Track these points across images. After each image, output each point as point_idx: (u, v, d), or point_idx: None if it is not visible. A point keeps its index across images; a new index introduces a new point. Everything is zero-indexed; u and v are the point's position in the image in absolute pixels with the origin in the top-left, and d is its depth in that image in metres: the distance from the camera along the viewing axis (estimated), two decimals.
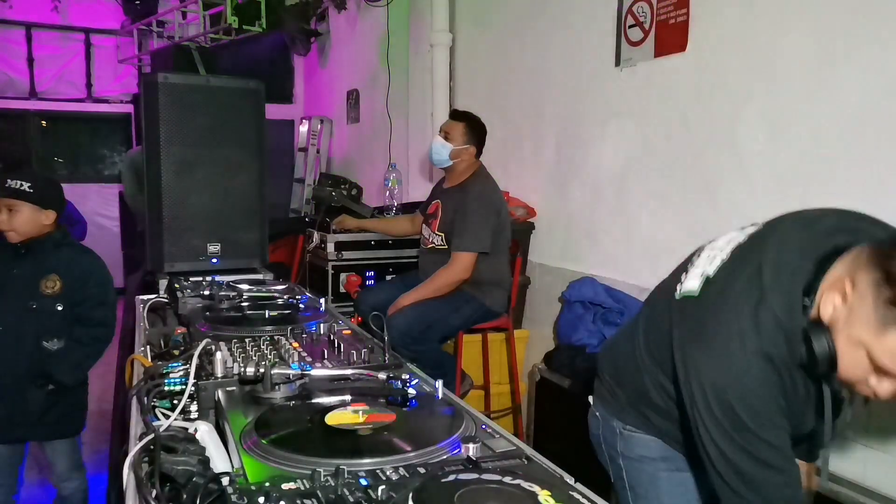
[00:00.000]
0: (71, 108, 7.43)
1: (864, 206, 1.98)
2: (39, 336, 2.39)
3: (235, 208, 2.59)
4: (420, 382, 1.24)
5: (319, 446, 0.95)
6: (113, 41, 7.36)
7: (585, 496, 0.81)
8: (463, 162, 3.14)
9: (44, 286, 2.39)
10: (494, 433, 1.06)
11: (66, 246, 2.51)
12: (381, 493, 0.78)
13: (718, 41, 2.53)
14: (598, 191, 3.29)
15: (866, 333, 1.03)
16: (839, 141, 2.07)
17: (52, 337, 2.40)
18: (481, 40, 4.27)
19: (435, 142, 3.17)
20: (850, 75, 2.04)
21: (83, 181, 7.51)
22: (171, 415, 1.10)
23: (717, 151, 2.55)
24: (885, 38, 1.95)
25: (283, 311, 1.79)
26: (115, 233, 7.25)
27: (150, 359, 1.52)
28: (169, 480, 0.88)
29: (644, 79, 2.93)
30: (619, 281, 3.10)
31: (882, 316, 1.00)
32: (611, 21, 3.09)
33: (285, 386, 1.17)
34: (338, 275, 3.66)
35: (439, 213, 3.15)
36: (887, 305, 1.00)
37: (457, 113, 3.29)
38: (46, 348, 2.40)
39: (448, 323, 3.02)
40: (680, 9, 2.70)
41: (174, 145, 2.45)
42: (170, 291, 2.11)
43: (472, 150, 3.14)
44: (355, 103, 6.08)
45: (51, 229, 2.44)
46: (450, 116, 3.30)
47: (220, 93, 2.53)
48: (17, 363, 2.37)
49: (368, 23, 5.59)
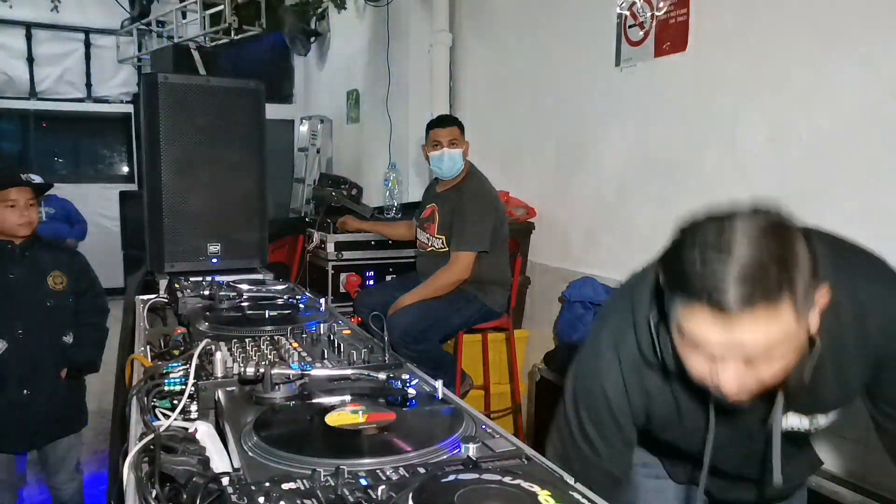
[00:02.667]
0: (71, 108, 7.42)
1: (864, 205, 1.99)
2: (58, 332, 2.47)
3: (235, 208, 2.59)
4: (420, 382, 1.24)
5: (319, 446, 0.95)
6: (113, 41, 7.35)
7: (585, 496, 0.81)
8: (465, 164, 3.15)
9: (52, 283, 2.44)
10: (494, 433, 1.06)
11: (50, 244, 2.59)
12: (381, 493, 0.78)
13: (718, 41, 2.53)
14: (598, 191, 3.29)
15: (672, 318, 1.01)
16: (839, 141, 2.07)
17: (68, 331, 2.50)
18: (481, 40, 4.27)
19: (445, 154, 3.05)
20: (850, 75, 2.04)
21: (83, 181, 7.51)
22: (171, 415, 1.10)
23: (717, 151, 2.55)
24: (886, 38, 1.95)
25: (283, 311, 1.79)
26: (115, 233, 7.25)
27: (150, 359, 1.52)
28: (169, 480, 0.88)
29: (644, 79, 2.93)
30: (619, 281, 3.10)
31: (668, 297, 1.01)
32: (611, 21, 3.09)
33: (285, 386, 1.16)
34: (338, 275, 3.66)
35: (436, 217, 3.15)
36: (665, 286, 1.01)
37: (447, 118, 3.21)
38: (65, 342, 2.49)
39: (449, 323, 3.02)
40: (680, 9, 2.70)
41: (174, 145, 2.45)
42: (170, 291, 2.11)
43: (468, 147, 3.14)
44: (355, 103, 6.07)
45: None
46: (442, 124, 3.12)
47: (220, 93, 2.53)
48: (45, 363, 2.44)
49: (368, 23, 5.58)
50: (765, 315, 0.90)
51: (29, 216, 2.37)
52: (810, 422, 1.19)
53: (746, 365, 0.96)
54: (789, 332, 0.94)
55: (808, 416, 1.19)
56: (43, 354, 2.42)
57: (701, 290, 0.92)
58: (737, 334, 0.92)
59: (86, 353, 2.53)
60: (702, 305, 0.93)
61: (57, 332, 2.47)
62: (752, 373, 0.97)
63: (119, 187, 7.42)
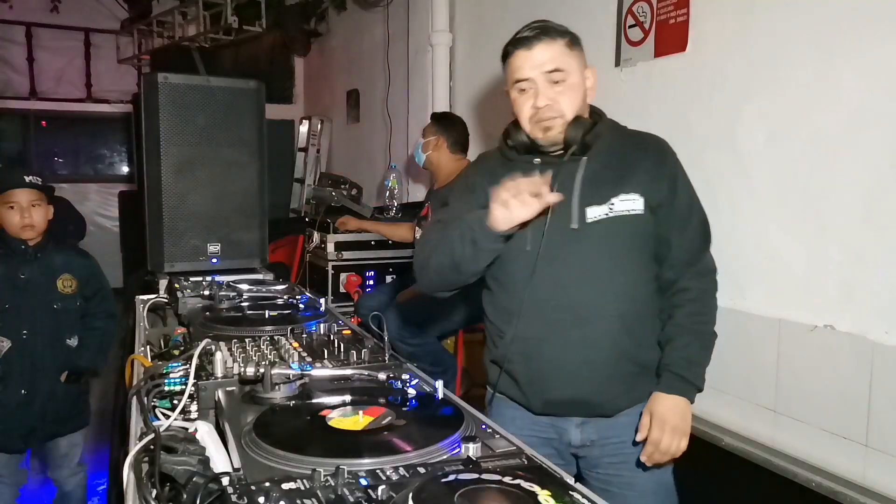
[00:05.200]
0: (71, 108, 7.42)
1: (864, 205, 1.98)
2: (62, 335, 2.47)
3: (235, 208, 2.59)
4: (420, 382, 1.24)
5: (319, 446, 0.95)
6: (113, 41, 7.35)
7: (585, 496, 0.81)
8: (435, 153, 3.19)
9: (61, 286, 2.45)
10: (494, 433, 1.06)
11: (62, 246, 2.58)
12: (381, 493, 0.78)
13: (718, 41, 2.52)
14: None
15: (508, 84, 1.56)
16: (839, 141, 2.06)
17: (73, 334, 2.50)
18: (481, 40, 4.27)
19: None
20: (850, 75, 2.04)
21: (83, 181, 7.51)
22: (171, 415, 1.10)
23: (717, 151, 2.55)
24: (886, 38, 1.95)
25: (283, 311, 1.79)
26: (115, 233, 7.25)
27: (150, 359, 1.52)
28: (169, 480, 0.88)
29: (644, 79, 2.92)
30: None
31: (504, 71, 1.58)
32: (611, 21, 3.08)
33: (285, 386, 1.16)
34: (338, 275, 3.66)
35: (430, 214, 3.17)
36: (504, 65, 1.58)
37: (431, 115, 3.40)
38: (69, 345, 2.49)
39: (446, 319, 3.01)
40: (680, 9, 2.70)
41: (174, 145, 2.45)
42: (170, 291, 2.11)
43: (441, 141, 3.18)
44: (355, 103, 6.07)
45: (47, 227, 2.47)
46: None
47: (220, 93, 2.53)
48: (46, 364, 2.43)
49: (368, 23, 5.58)
50: (550, 44, 1.46)
51: (31, 218, 2.36)
52: (608, 208, 1.49)
53: (549, 84, 1.46)
54: (570, 67, 1.47)
55: (605, 204, 1.49)
56: (45, 356, 2.42)
57: (513, 41, 1.50)
58: (536, 55, 1.46)
59: (88, 357, 2.53)
60: (515, 49, 1.49)
61: (62, 334, 2.47)
62: (553, 91, 1.47)
63: (119, 187, 7.43)
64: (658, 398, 1.51)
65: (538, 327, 1.51)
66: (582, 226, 1.48)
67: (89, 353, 2.53)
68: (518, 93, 1.51)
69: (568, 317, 1.49)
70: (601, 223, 1.48)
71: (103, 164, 7.95)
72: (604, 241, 1.49)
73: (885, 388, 1.98)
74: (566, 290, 1.49)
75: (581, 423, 1.58)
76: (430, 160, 3.21)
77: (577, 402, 1.54)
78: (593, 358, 1.50)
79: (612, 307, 1.49)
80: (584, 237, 1.48)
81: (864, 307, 1.85)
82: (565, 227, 1.47)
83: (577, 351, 1.50)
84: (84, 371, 2.54)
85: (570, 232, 1.48)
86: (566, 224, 1.47)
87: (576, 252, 1.49)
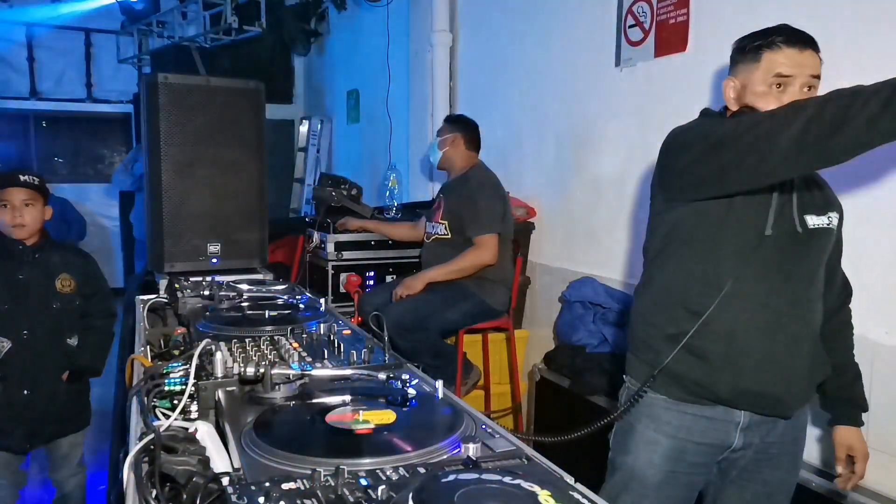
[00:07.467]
0: (71, 108, 7.42)
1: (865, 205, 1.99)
2: (62, 335, 2.47)
3: (235, 208, 2.59)
4: (420, 382, 1.24)
5: (319, 446, 0.95)
6: (113, 41, 7.36)
7: (585, 496, 0.81)
8: (451, 150, 3.21)
9: (60, 286, 2.44)
10: (494, 433, 1.06)
11: (61, 246, 2.58)
12: (381, 493, 0.78)
13: (718, 41, 2.52)
14: (598, 191, 3.29)
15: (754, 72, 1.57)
16: None
17: (73, 334, 2.49)
18: (481, 40, 4.27)
19: None
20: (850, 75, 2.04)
21: (83, 181, 7.51)
22: (171, 415, 1.10)
23: None
24: (885, 38, 1.95)
25: (283, 311, 1.79)
26: (116, 233, 7.25)
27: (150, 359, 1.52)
28: (169, 480, 0.88)
29: (644, 79, 2.93)
30: (619, 281, 3.10)
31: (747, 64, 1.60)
32: (611, 21, 3.09)
33: (285, 386, 1.16)
34: (338, 275, 3.66)
35: (442, 206, 3.19)
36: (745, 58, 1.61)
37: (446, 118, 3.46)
38: (69, 345, 2.48)
39: (444, 317, 3.01)
40: (680, 9, 2.71)
41: (174, 145, 2.45)
42: (170, 291, 2.11)
43: (458, 138, 3.21)
44: (355, 103, 6.08)
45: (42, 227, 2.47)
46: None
47: (220, 93, 2.53)
48: (47, 364, 2.43)
49: (368, 23, 5.59)
50: (814, 54, 1.55)
51: (22, 217, 2.35)
52: (828, 219, 1.53)
53: (801, 90, 1.51)
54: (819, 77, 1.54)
55: (825, 215, 1.52)
56: (46, 356, 2.42)
57: (786, 38, 1.55)
58: (806, 59, 1.53)
59: (89, 357, 2.54)
60: (789, 44, 1.54)
61: (62, 334, 2.47)
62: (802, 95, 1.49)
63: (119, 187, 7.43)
64: (854, 433, 1.69)
65: (752, 310, 1.48)
66: (804, 230, 1.50)
67: (90, 353, 2.53)
68: (773, 87, 1.52)
69: (783, 308, 1.48)
70: (819, 230, 1.52)
71: (103, 164, 7.95)
72: (820, 249, 1.54)
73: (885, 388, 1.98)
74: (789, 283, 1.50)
75: (747, 424, 1.53)
76: (447, 157, 3.24)
77: (771, 397, 1.50)
78: (800, 356, 1.50)
79: (816, 310, 1.55)
80: (808, 240, 1.50)
81: (864, 307, 1.86)
82: (793, 229, 1.48)
83: (785, 344, 1.48)
84: (85, 370, 2.54)
85: (797, 233, 1.49)
86: (792, 227, 1.48)
87: (804, 254, 1.51)
